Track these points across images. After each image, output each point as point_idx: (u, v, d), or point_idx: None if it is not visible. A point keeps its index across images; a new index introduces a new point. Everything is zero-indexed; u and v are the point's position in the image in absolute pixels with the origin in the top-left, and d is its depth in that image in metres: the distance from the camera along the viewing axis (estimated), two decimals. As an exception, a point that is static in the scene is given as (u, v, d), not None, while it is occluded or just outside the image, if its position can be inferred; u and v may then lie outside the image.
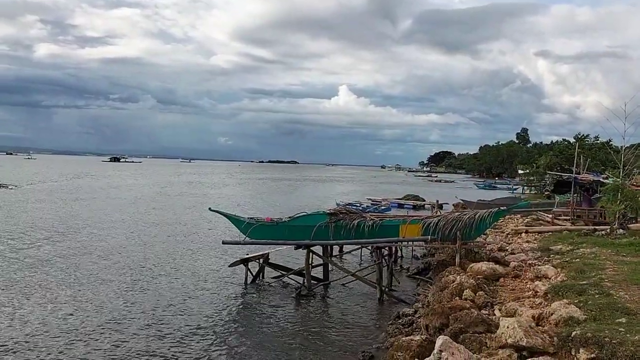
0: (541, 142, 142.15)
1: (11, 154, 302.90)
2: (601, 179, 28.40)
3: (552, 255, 16.36)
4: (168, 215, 38.42)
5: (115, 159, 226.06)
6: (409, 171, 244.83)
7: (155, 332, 13.05)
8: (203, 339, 12.70)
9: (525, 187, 71.94)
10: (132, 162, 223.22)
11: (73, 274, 18.78)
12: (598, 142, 57.61)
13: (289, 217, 19.14)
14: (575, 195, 28.09)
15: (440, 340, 7.43)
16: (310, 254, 17.77)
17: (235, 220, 19.11)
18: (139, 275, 18.98)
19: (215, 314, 14.79)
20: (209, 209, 20.42)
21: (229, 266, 18.89)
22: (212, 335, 13.07)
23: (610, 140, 52.39)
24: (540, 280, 12.88)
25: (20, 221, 31.53)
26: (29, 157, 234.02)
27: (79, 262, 20.81)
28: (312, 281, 17.66)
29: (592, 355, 7.27)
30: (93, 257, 21.81)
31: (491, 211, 18.13)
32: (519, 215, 29.39)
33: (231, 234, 21.57)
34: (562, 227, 22.75)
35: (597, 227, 21.20)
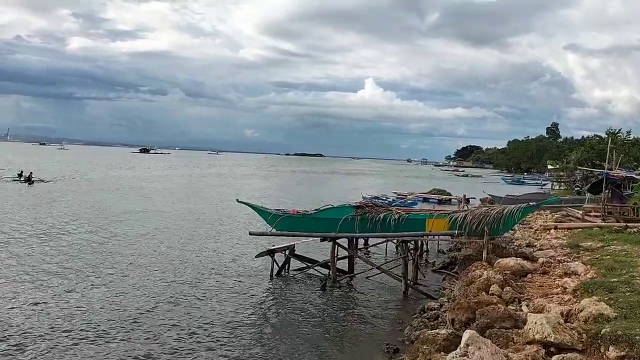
0: (572, 137, 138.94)
1: (44, 144, 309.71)
2: (634, 175, 27.77)
3: (581, 252, 16.06)
4: (197, 207, 38.98)
5: (145, 150, 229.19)
6: (435, 165, 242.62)
7: (182, 320, 13.30)
8: (229, 329, 12.90)
9: (555, 183, 70.60)
10: (162, 153, 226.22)
11: (106, 263, 19.24)
12: (631, 137, 56.11)
13: (315, 210, 19.24)
14: (607, 191, 27.48)
15: (467, 335, 7.42)
16: (336, 246, 17.84)
17: (262, 212, 19.29)
18: (167, 265, 19.33)
19: (241, 304, 14.99)
20: (237, 200, 20.65)
21: (256, 257, 19.08)
22: (238, 325, 13.26)
23: (645, 137, 51.07)
24: (569, 277, 12.69)
25: (64, 213, 32.43)
26: (62, 147, 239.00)
27: (112, 251, 21.34)
28: (337, 273, 17.75)
29: (622, 353, 7.18)
30: (126, 249, 22.33)
31: (520, 206, 17.93)
32: (548, 211, 28.92)
33: (258, 225, 21.77)
34: (593, 223, 22.29)
35: (629, 224, 20.74)
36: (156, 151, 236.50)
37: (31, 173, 50.88)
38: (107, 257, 19.94)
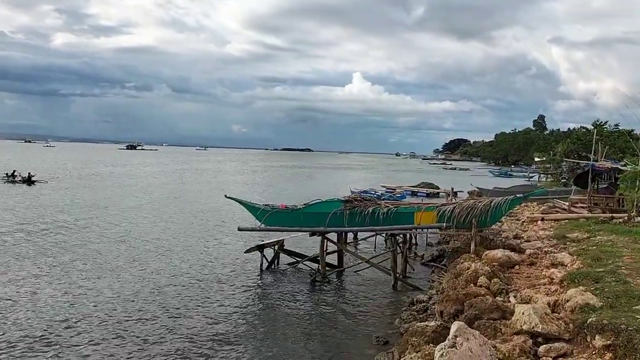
0: (558, 129, 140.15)
1: (30, 141, 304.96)
2: (619, 167, 28.03)
3: (568, 243, 16.21)
4: (185, 203, 38.83)
5: (132, 147, 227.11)
6: (423, 159, 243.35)
7: (171, 316, 13.26)
8: (218, 324, 12.88)
9: (542, 175, 71.21)
10: (149, 149, 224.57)
11: (97, 259, 19.12)
12: (618, 129, 56.70)
13: (304, 204, 19.22)
14: (593, 183, 27.70)
15: (455, 326, 7.45)
16: (325, 240, 17.85)
17: (250, 207, 19.23)
18: (156, 261, 19.25)
19: (231, 300, 14.96)
20: (225, 196, 20.55)
21: (245, 252, 19.05)
22: (227, 320, 13.24)
23: (632, 130, 51.68)
24: (556, 268, 12.80)
25: (59, 213, 32.10)
26: (48, 145, 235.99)
27: (103, 248, 21.19)
28: (326, 268, 17.77)
29: (608, 342, 7.25)
30: (116, 244, 22.19)
31: (507, 198, 18.05)
32: (535, 203, 29.14)
33: (247, 220, 21.70)
34: (579, 214, 22.53)
35: (614, 215, 20.97)
36: (143, 148, 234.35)
37: (29, 173, 48.79)
38: (94, 255, 19.83)
